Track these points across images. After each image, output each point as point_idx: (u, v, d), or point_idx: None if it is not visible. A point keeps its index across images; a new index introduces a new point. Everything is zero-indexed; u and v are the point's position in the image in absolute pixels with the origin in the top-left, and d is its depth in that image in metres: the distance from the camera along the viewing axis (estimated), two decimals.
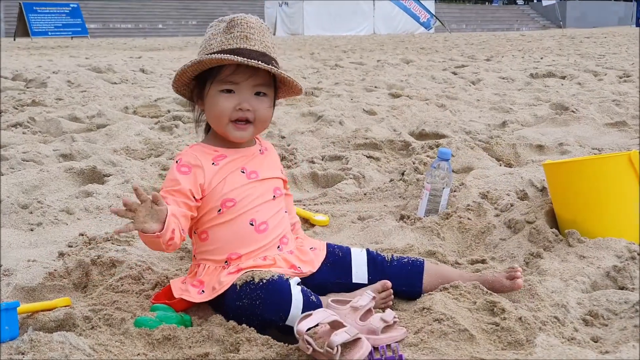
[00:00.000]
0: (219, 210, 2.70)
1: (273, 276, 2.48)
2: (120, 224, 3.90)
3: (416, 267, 2.80)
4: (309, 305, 2.43)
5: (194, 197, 2.66)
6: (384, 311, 2.47)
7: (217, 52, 2.63)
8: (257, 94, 2.70)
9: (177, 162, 2.71)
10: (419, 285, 2.76)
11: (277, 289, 2.44)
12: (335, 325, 2.22)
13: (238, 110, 2.67)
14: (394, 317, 2.38)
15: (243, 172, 2.75)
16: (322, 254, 2.84)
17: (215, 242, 2.71)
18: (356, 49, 21.90)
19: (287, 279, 2.50)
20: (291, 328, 2.36)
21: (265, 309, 2.43)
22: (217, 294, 2.59)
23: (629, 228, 3.11)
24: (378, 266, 2.81)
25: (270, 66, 2.62)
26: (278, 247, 2.75)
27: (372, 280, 2.77)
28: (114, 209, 2.41)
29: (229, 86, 2.66)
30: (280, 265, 2.69)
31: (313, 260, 2.79)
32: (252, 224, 2.70)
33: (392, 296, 2.73)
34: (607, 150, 5.39)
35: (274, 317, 2.42)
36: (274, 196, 2.80)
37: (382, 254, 2.87)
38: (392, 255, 2.87)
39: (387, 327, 2.36)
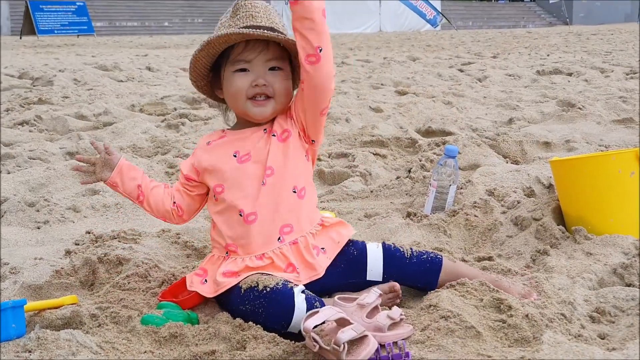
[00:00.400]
0: (214, 197, 2.74)
1: (277, 284, 2.45)
2: (125, 221, 3.92)
3: (434, 265, 2.74)
4: None
5: (184, 176, 2.80)
6: (390, 308, 2.46)
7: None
8: (272, 69, 2.68)
9: None
10: (434, 283, 2.73)
11: (280, 298, 2.41)
12: (342, 323, 2.22)
13: (254, 87, 2.66)
14: (401, 314, 2.38)
15: (235, 155, 2.72)
16: (330, 257, 2.73)
17: (218, 230, 2.74)
18: (362, 46, 21.89)
19: (292, 288, 2.44)
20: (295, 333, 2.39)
21: (267, 317, 2.42)
22: (217, 293, 2.61)
23: (636, 225, 3.10)
24: (396, 262, 2.73)
25: (277, 34, 2.60)
26: (279, 238, 2.68)
27: (387, 278, 2.72)
28: (75, 166, 2.70)
29: (242, 65, 2.66)
30: (278, 264, 2.63)
31: (315, 265, 2.69)
32: (240, 215, 2.67)
33: (400, 297, 2.72)
34: (614, 147, 5.38)
35: (276, 325, 2.41)
36: (264, 181, 2.68)
37: (401, 250, 2.78)
38: (412, 250, 2.79)
39: (394, 325, 2.36)
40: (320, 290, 2.64)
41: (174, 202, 2.83)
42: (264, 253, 2.65)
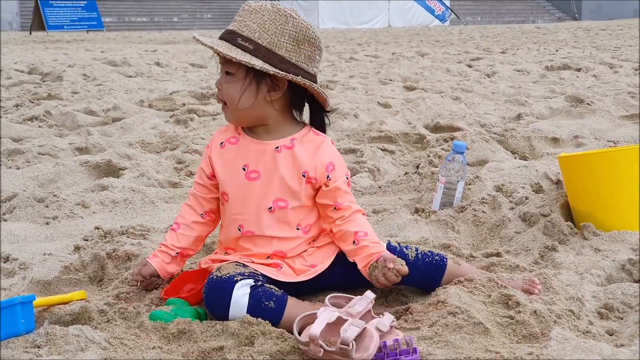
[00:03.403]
0: (221, 202, 2.75)
1: (227, 274, 2.48)
2: (134, 217, 3.92)
3: (438, 269, 2.72)
4: (260, 310, 2.43)
5: (207, 175, 2.76)
6: (382, 315, 2.39)
7: None
8: (226, 73, 2.61)
9: None
10: (435, 285, 2.71)
11: (217, 288, 2.47)
12: (340, 322, 2.21)
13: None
14: (393, 321, 2.32)
15: (244, 169, 2.67)
16: (319, 270, 2.69)
17: (222, 233, 2.80)
18: (371, 42, 21.86)
19: (237, 281, 2.46)
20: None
21: (208, 304, 2.51)
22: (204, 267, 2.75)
23: None
24: None
25: (214, 42, 2.55)
26: (268, 257, 2.69)
27: None
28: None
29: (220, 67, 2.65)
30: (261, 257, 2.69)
31: (299, 273, 2.68)
32: (239, 229, 2.69)
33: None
34: (622, 143, 5.37)
35: (216, 314, 2.49)
36: (271, 207, 2.65)
37: (405, 249, 2.75)
38: (417, 250, 2.75)
39: (385, 334, 2.27)
40: (320, 286, 2.70)
41: (202, 215, 2.81)
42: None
